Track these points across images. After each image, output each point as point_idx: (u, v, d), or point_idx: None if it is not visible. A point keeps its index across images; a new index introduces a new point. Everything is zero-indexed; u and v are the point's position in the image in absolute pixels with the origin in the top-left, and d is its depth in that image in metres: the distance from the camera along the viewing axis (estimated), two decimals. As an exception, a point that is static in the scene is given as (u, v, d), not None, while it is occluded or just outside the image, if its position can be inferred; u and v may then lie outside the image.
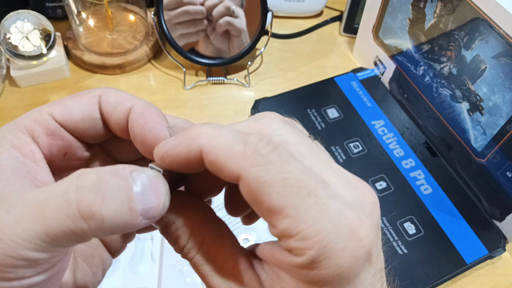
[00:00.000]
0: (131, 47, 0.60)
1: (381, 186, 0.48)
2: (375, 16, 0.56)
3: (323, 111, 0.55)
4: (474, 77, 0.43)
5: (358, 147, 0.51)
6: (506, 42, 0.39)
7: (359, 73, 0.59)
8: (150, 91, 0.58)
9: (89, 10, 0.61)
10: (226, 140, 0.16)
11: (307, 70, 0.62)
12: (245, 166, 0.16)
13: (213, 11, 0.54)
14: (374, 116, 0.55)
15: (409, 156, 0.51)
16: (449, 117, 0.49)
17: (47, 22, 0.55)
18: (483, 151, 0.45)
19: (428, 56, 0.49)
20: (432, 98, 0.50)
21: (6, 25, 0.53)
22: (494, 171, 0.45)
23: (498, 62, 0.40)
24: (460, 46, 0.44)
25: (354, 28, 0.65)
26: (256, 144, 0.16)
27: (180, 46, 0.57)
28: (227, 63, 0.58)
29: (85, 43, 0.60)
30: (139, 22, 0.63)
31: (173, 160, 0.18)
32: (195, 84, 0.59)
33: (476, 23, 0.41)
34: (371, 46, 0.59)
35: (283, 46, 0.66)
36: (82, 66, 0.60)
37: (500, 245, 0.45)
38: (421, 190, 0.48)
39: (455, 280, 0.44)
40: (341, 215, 0.16)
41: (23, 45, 0.53)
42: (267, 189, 0.16)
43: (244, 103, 0.58)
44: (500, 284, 0.44)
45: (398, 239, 0.44)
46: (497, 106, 0.42)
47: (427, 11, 0.47)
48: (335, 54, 0.65)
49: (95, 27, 0.61)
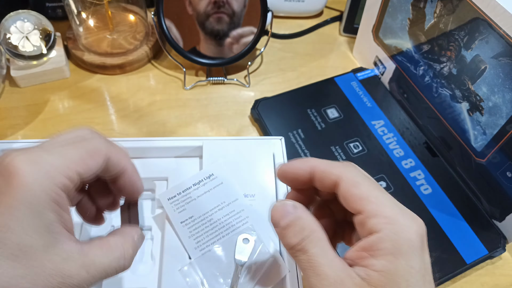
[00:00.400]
0: (131, 47, 0.60)
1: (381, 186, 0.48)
2: (375, 16, 0.56)
3: (323, 111, 0.55)
4: (474, 77, 0.43)
5: (358, 147, 0.51)
6: (506, 42, 0.39)
7: (359, 73, 0.59)
8: (150, 91, 0.58)
9: (89, 10, 0.61)
10: (327, 161, 0.28)
11: (307, 70, 0.62)
12: (344, 172, 0.26)
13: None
14: (374, 116, 0.55)
15: (409, 156, 0.51)
16: (449, 117, 0.49)
17: (47, 22, 0.55)
18: (483, 151, 0.45)
19: (428, 56, 0.49)
20: (432, 98, 0.50)
21: (6, 25, 0.53)
22: (494, 171, 0.45)
23: (498, 62, 0.40)
24: (460, 46, 0.44)
25: (354, 28, 0.65)
26: (348, 163, 0.27)
27: (180, 46, 0.57)
28: (227, 63, 0.58)
29: (85, 43, 0.60)
30: (139, 22, 0.63)
31: (292, 172, 0.28)
32: (195, 84, 0.59)
33: (476, 23, 0.41)
34: (371, 46, 0.59)
35: (283, 46, 0.66)
36: (82, 66, 0.60)
37: (500, 245, 0.45)
38: (421, 190, 0.48)
39: (455, 280, 0.44)
40: (405, 209, 0.26)
41: (23, 45, 0.53)
42: (359, 184, 0.26)
43: (244, 103, 0.58)
44: (500, 284, 0.44)
45: (398, 239, 0.44)
46: (497, 106, 0.42)
47: (427, 11, 0.47)
48: (335, 54, 0.65)
49: (95, 27, 0.61)
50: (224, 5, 0.55)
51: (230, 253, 0.39)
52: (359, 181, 0.26)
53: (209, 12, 0.55)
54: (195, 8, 0.55)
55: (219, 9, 0.55)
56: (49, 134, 0.53)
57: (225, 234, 0.40)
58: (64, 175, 0.24)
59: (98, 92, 0.58)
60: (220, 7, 0.55)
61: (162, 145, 0.45)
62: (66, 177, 0.24)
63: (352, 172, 0.27)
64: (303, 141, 0.51)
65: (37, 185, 0.23)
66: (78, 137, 0.27)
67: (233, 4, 0.55)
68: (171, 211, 0.41)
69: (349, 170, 0.27)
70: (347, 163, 0.28)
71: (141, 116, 0.55)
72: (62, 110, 0.56)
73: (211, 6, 0.55)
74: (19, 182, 0.22)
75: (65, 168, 0.24)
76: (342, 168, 0.27)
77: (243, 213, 0.41)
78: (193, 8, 0.55)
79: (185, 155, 0.46)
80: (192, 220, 0.40)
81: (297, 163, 0.28)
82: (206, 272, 0.38)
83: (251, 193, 0.42)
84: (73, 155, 0.25)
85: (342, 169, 0.26)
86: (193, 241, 0.40)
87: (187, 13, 0.56)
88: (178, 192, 0.42)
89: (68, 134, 0.27)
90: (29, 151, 0.24)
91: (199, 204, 0.41)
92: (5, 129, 0.53)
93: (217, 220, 0.41)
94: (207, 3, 0.55)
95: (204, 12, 0.56)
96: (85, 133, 0.27)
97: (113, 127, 0.54)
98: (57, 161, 0.24)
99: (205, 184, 0.42)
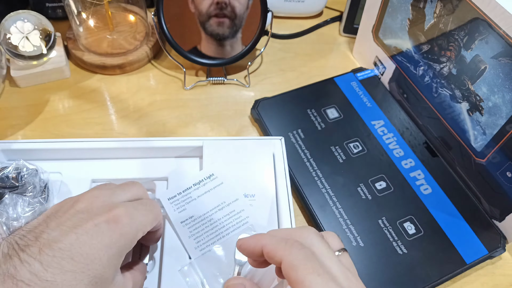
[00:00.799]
0: (131, 47, 0.60)
1: (380, 186, 0.48)
2: (375, 16, 0.56)
3: (323, 111, 0.55)
4: (474, 77, 0.43)
5: (358, 147, 0.51)
6: (506, 42, 0.39)
7: (359, 73, 0.59)
8: (150, 91, 0.58)
9: (89, 10, 0.61)
10: (275, 241, 0.29)
11: (307, 70, 0.62)
12: (285, 255, 0.28)
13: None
14: (374, 116, 0.55)
15: (409, 156, 0.51)
16: (449, 117, 0.49)
17: (47, 22, 0.55)
18: (483, 151, 0.45)
19: (427, 56, 0.49)
20: (431, 98, 0.50)
21: (6, 25, 0.53)
22: (494, 171, 0.45)
23: (498, 62, 0.40)
24: (460, 46, 0.44)
25: (354, 28, 0.65)
26: (291, 244, 0.28)
27: (180, 46, 0.57)
28: (227, 63, 0.58)
29: (85, 43, 0.60)
30: (139, 22, 0.63)
31: (246, 248, 0.31)
32: (195, 84, 0.59)
33: (476, 23, 0.41)
34: (371, 46, 0.59)
35: (283, 46, 0.66)
36: (82, 66, 0.60)
37: (500, 245, 0.45)
38: (421, 190, 0.48)
39: (455, 280, 0.44)
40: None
41: (23, 45, 0.53)
42: (296, 268, 0.27)
43: (244, 103, 0.58)
44: (500, 284, 0.44)
45: (397, 239, 0.44)
46: (497, 106, 0.42)
47: (427, 11, 0.47)
48: (335, 54, 0.65)
49: (95, 27, 0.61)
50: (226, 7, 0.55)
51: (230, 253, 0.39)
52: (297, 264, 0.27)
53: (211, 13, 0.55)
54: (197, 6, 0.55)
55: (221, 11, 0.55)
56: (49, 134, 0.53)
57: (225, 234, 0.40)
58: (143, 232, 0.33)
59: (98, 92, 0.58)
60: (223, 8, 0.55)
61: (162, 145, 0.45)
62: (143, 232, 0.33)
63: (292, 254, 0.28)
64: (303, 141, 0.52)
65: (131, 234, 0.31)
66: (150, 204, 0.35)
67: (235, 6, 0.55)
68: (171, 211, 0.41)
69: (290, 253, 0.28)
70: (293, 243, 0.29)
71: (141, 116, 0.55)
72: (62, 110, 0.56)
73: (213, 7, 0.55)
74: (119, 229, 0.30)
75: (146, 226, 0.33)
76: (285, 251, 0.28)
77: (243, 213, 0.41)
78: (195, 6, 0.55)
79: (185, 155, 0.46)
80: (192, 220, 0.40)
81: (250, 241, 0.31)
82: (206, 272, 0.38)
83: (251, 193, 0.43)
84: (149, 217, 0.34)
85: (284, 252, 0.28)
86: (193, 241, 0.40)
87: (187, 13, 0.56)
88: (178, 192, 0.42)
89: (145, 200, 0.35)
90: (128, 205, 0.33)
91: (199, 204, 0.41)
92: (5, 129, 0.53)
93: (217, 220, 0.41)
94: (209, 4, 0.55)
95: (206, 13, 0.55)
96: (152, 202, 0.36)
97: (113, 127, 0.54)
98: (143, 220, 0.33)
99: (205, 184, 0.42)
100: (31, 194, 0.39)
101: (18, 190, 0.39)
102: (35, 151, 0.44)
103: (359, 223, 0.45)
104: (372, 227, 0.45)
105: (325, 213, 0.46)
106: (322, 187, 0.48)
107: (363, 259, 0.43)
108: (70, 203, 0.32)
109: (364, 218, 0.46)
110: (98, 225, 0.30)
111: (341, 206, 0.46)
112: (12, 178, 0.39)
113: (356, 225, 0.45)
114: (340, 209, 0.46)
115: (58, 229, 0.29)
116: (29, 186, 0.39)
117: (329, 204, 0.46)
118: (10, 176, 0.39)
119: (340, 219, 0.45)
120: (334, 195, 0.47)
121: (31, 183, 0.39)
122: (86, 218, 0.30)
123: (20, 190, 0.39)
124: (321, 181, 0.48)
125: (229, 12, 0.55)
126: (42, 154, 0.44)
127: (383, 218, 0.46)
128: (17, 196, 0.38)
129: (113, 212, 0.31)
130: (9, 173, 0.39)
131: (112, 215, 0.31)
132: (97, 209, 0.31)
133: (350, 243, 0.44)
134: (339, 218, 0.45)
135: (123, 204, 0.32)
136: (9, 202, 0.37)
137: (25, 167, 0.40)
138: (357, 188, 0.48)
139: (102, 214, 0.31)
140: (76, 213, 0.31)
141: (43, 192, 0.40)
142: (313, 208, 0.46)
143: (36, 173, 0.40)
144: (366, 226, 0.45)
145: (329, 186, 0.48)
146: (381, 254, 0.43)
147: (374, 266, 0.42)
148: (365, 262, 0.43)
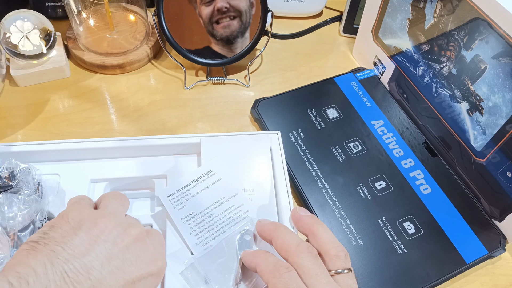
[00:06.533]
0: (132, 47, 0.60)
1: (380, 185, 0.48)
2: (374, 16, 0.56)
3: (322, 111, 0.55)
4: (474, 77, 0.43)
5: (358, 147, 0.51)
6: (506, 42, 0.39)
7: (358, 73, 0.59)
8: (150, 91, 0.58)
9: (89, 10, 0.61)
10: (266, 264, 0.33)
11: (306, 70, 0.62)
12: (270, 278, 0.32)
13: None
14: (373, 116, 0.55)
15: (408, 156, 0.51)
16: (449, 117, 0.49)
17: (47, 22, 0.55)
18: (483, 151, 0.45)
19: (427, 56, 0.49)
20: (431, 98, 0.50)
21: (6, 24, 0.53)
22: (494, 171, 0.45)
23: (498, 62, 0.40)
24: (460, 46, 0.44)
25: (354, 28, 0.65)
26: (278, 267, 0.32)
27: (180, 45, 0.57)
28: (227, 63, 0.58)
29: (85, 42, 0.60)
30: (139, 22, 0.63)
31: (245, 262, 0.36)
32: (195, 84, 0.59)
33: (476, 23, 0.41)
34: (370, 46, 0.59)
35: (283, 46, 0.66)
36: (82, 66, 0.60)
37: (499, 245, 0.45)
38: (421, 190, 0.48)
39: (454, 280, 0.44)
40: None
41: (23, 45, 0.53)
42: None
43: (244, 103, 0.58)
44: (499, 284, 0.44)
45: (397, 238, 0.44)
46: (497, 106, 0.42)
47: (426, 11, 0.47)
48: (335, 54, 0.65)
49: (95, 26, 0.61)
50: (228, 11, 0.55)
51: (232, 247, 0.39)
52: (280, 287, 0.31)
53: (214, 19, 0.56)
54: (201, 16, 0.56)
55: (224, 15, 0.56)
56: (49, 133, 0.53)
57: (226, 229, 0.40)
58: None
59: (98, 91, 0.58)
60: (224, 13, 0.56)
61: (159, 143, 0.45)
62: None
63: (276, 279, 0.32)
64: (303, 141, 0.52)
65: None
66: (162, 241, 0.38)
67: (237, 5, 0.55)
68: (171, 208, 0.41)
69: (274, 276, 0.32)
70: (279, 269, 0.32)
71: (141, 116, 0.55)
72: (62, 109, 0.56)
73: (215, 13, 0.56)
74: (159, 280, 0.36)
75: None
76: (271, 278, 0.32)
77: (243, 208, 0.41)
78: (200, 16, 0.56)
79: (183, 153, 0.46)
80: (192, 217, 0.41)
81: (247, 257, 0.36)
82: (208, 268, 0.38)
83: (250, 188, 0.43)
84: None
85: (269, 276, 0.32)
86: (194, 237, 0.40)
87: (188, 12, 0.56)
88: (177, 189, 0.42)
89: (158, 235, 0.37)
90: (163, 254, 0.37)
91: (198, 200, 0.41)
92: (5, 129, 0.53)
93: (217, 216, 0.41)
94: (211, 11, 0.55)
95: (210, 21, 0.56)
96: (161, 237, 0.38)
97: (113, 127, 0.54)
98: None
99: (204, 181, 0.42)
100: (26, 192, 0.39)
101: (13, 189, 0.39)
102: (33, 153, 0.44)
103: (359, 222, 0.45)
104: (372, 227, 0.45)
105: (325, 212, 0.46)
106: (322, 186, 0.48)
107: (363, 259, 0.43)
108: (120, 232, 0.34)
109: (364, 218, 0.46)
110: (146, 278, 0.33)
111: (341, 206, 0.46)
112: (5, 177, 0.39)
113: (355, 224, 0.45)
114: (340, 209, 0.46)
115: (108, 268, 0.31)
116: (23, 185, 0.39)
117: (329, 203, 0.46)
118: (2, 176, 0.39)
119: (340, 218, 0.45)
120: (334, 195, 0.47)
121: (24, 181, 0.39)
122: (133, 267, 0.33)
123: (14, 189, 0.39)
124: (321, 180, 0.48)
125: (232, 14, 0.56)
126: (40, 156, 0.44)
127: (382, 218, 0.46)
128: (11, 195, 0.38)
129: (157, 264, 0.35)
130: (1, 173, 0.39)
131: (156, 269, 0.34)
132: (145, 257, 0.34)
133: (350, 243, 0.44)
134: (338, 218, 0.45)
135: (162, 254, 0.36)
136: (4, 201, 0.37)
137: (17, 166, 0.40)
138: (357, 187, 0.48)
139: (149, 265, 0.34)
140: (124, 252, 0.33)
141: (37, 190, 0.40)
142: (313, 207, 0.46)
143: (28, 171, 0.40)
144: (366, 226, 0.45)
145: (329, 186, 0.48)
146: (381, 253, 0.43)
147: (373, 265, 0.42)
148: (364, 261, 0.43)
